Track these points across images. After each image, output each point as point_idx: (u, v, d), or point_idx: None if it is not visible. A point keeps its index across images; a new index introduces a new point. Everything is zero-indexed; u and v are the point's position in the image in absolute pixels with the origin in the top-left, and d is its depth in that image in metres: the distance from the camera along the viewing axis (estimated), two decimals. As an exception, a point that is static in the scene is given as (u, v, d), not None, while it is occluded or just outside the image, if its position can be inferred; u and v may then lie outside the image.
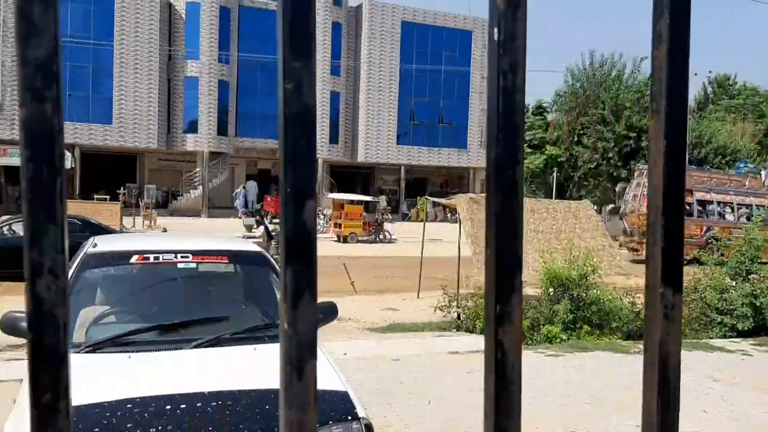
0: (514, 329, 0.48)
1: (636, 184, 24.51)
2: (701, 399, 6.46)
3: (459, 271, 12.12)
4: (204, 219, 32.04)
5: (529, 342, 9.31)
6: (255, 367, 3.68)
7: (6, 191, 29.44)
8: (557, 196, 37.41)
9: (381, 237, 26.65)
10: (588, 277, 10.17)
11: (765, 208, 23.30)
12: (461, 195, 14.32)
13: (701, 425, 5.76)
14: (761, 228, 12.37)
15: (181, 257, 4.49)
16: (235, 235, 18.30)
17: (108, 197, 29.07)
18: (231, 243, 5.34)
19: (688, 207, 22.73)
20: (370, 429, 3.34)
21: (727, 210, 24.24)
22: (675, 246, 0.54)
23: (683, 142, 0.54)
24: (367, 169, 41.23)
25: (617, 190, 33.44)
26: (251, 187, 34.47)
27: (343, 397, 3.42)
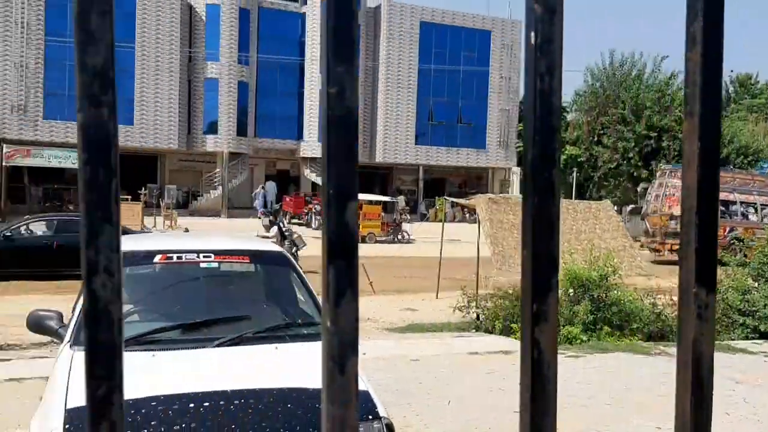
0: (550, 328, 0.49)
1: (658, 184, 24.25)
2: (723, 401, 6.40)
3: (478, 272, 12.10)
4: (223, 219, 32.25)
5: (549, 343, 9.25)
6: (277, 366, 3.70)
7: (29, 192, 29.80)
8: (577, 196, 37.13)
9: (399, 237, 26.65)
10: (608, 278, 10.10)
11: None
12: (480, 195, 14.29)
13: (723, 427, 5.70)
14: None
15: (204, 257, 4.53)
16: (254, 235, 18.39)
17: (129, 197, 29.37)
18: (252, 243, 5.38)
19: None
20: (391, 429, 3.35)
21: (751, 210, 23.92)
22: (709, 246, 0.55)
23: (717, 143, 0.55)
24: (386, 170, 41.25)
25: (639, 190, 33.12)
26: (270, 188, 34.65)
27: (365, 397, 3.43)
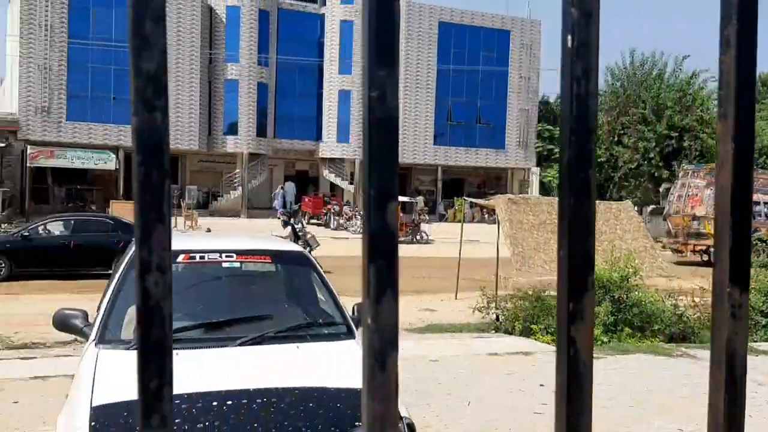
0: (586, 327, 0.50)
1: (681, 184, 24.01)
2: (747, 402, 6.33)
3: (497, 273, 12.06)
4: (243, 219, 32.46)
5: (569, 344, 9.21)
6: (298, 366, 3.72)
7: (53, 192, 30.18)
8: (597, 197, 36.76)
9: (418, 238, 26.65)
10: (629, 279, 10.03)
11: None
12: (499, 196, 14.26)
13: (747, 429, 5.64)
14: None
15: (226, 257, 4.57)
16: (270, 234, 18.47)
17: (150, 198, 29.66)
18: (273, 243, 5.41)
19: None
20: (412, 429, 3.36)
21: (774, 211, 23.62)
22: (742, 246, 0.55)
23: (751, 144, 0.55)
24: (404, 170, 41.24)
25: (661, 190, 32.77)
26: (289, 188, 34.83)
27: (386, 397, 3.44)
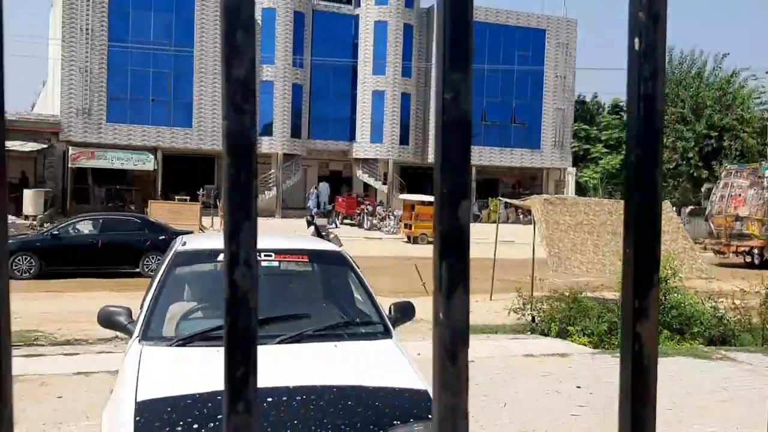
0: (651, 324, 0.51)
1: (723, 184, 23.54)
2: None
3: (533, 274, 11.98)
4: (278, 219, 32.75)
5: (607, 346, 9.11)
6: (337, 364, 3.76)
7: (93, 192, 30.82)
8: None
9: (452, 238, 26.59)
10: (668, 281, 9.88)
11: None
12: (535, 196, 14.14)
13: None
14: None
15: (265, 256, 4.63)
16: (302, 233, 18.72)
17: (188, 198, 30.13)
18: (311, 242, 5.48)
19: None
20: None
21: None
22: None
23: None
24: (438, 170, 41.11)
25: (703, 190, 32.14)
26: (323, 189, 35.07)
27: (425, 396, 3.46)
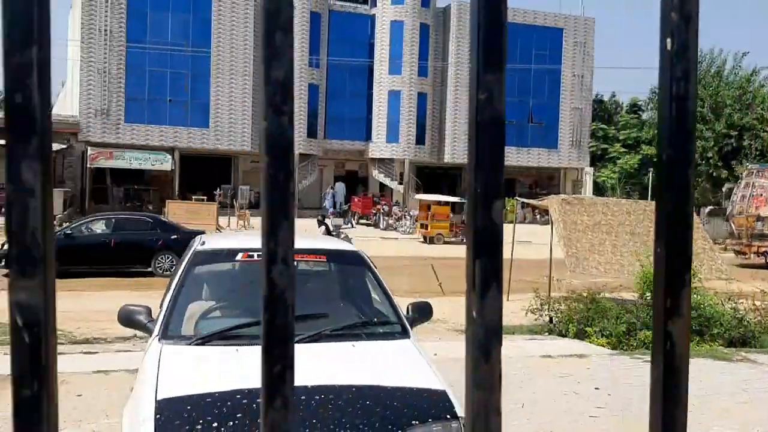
0: (682, 322, 0.52)
1: (744, 184, 23.31)
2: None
3: (550, 274, 11.93)
4: (294, 219, 32.84)
5: (626, 347, 9.04)
6: (355, 364, 3.77)
7: (111, 192, 31.10)
8: (653, 197, 36.02)
9: (468, 238, 26.50)
10: (688, 282, 9.79)
11: None
12: (553, 196, 14.08)
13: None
14: None
15: None
16: (316, 233, 18.84)
17: (205, 198, 30.32)
18: (329, 242, 5.50)
19: None
20: (469, 428, 3.36)
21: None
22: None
23: None
24: (455, 170, 41.09)
25: (724, 190, 31.84)
26: (339, 189, 35.14)
27: (443, 397, 3.46)
